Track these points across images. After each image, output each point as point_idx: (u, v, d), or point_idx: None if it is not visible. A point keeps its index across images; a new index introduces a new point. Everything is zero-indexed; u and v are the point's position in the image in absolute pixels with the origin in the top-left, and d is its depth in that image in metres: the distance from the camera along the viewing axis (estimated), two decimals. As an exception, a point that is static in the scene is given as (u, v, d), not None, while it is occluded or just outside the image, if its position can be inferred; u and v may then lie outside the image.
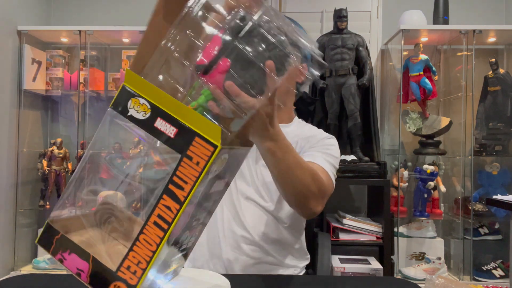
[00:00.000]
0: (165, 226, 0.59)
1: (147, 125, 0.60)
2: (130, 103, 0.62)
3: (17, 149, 2.68)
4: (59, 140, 2.74)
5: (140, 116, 0.61)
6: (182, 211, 0.58)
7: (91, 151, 0.72)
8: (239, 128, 0.67)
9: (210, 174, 0.60)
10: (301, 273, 1.27)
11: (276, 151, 0.80)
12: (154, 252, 0.59)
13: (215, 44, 0.61)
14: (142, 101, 0.61)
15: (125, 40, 2.86)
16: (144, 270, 0.60)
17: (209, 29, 0.64)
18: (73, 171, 2.75)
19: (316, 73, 0.67)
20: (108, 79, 2.82)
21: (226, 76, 0.60)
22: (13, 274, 2.62)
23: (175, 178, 0.59)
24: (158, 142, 0.60)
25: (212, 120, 0.61)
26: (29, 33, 2.70)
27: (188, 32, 0.64)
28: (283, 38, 0.63)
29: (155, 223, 0.59)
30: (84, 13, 3.02)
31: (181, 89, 0.65)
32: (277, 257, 1.18)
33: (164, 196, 0.59)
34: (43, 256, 2.64)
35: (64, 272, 0.79)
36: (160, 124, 0.60)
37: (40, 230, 0.68)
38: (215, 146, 0.57)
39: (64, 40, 2.86)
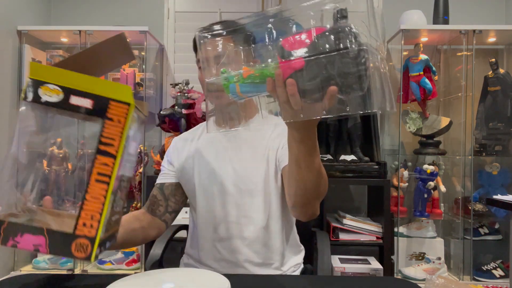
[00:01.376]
0: (106, 179, 0.69)
1: (63, 104, 0.69)
2: (40, 91, 0.69)
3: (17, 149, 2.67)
4: (59, 140, 2.74)
5: (54, 99, 0.69)
6: (118, 162, 0.69)
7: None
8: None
9: (131, 131, 0.72)
10: (300, 268, 1.28)
11: (310, 158, 0.84)
12: (103, 204, 0.69)
13: (303, 43, 0.66)
14: (51, 86, 0.69)
15: (125, 40, 2.86)
16: (99, 221, 0.68)
17: (311, 21, 0.70)
18: (73, 171, 2.75)
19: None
20: (108, 79, 2.81)
21: (294, 73, 0.65)
22: (13, 274, 2.62)
23: (102, 139, 0.69)
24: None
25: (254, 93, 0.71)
26: (29, 33, 2.70)
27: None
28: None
29: (97, 180, 0.70)
30: (84, 13, 3.02)
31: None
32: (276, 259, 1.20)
33: (98, 156, 0.69)
34: (43, 256, 2.65)
35: (64, 272, 0.79)
36: (75, 100, 0.69)
37: None
38: (129, 104, 0.70)
39: (64, 40, 2.86)
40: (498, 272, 2.50)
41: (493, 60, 2.57)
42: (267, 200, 1.17)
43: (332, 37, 0.65)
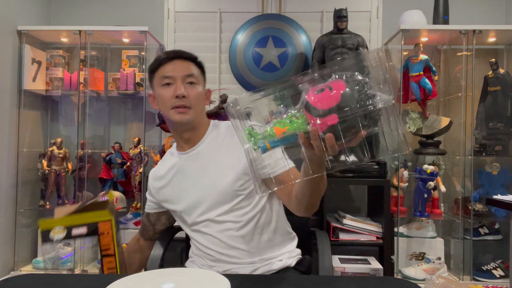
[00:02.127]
0: (113, 270, 1.03)
1: (69, 237, 1.02)
2: (51, 235, 1.02)
3: (17, 149, 2.68)
4: (59, 140, 2.74)
5: (61, 235, 1.02)
6: (117, 255, 1.03)
7: None
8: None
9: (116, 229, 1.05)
10: (297, 257, 1.31)
11: (323, 176, 0.98)
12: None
13: (329, 99, 0.74)
14: (57, 228, 1.02)
15: (125, 40, 2.86)
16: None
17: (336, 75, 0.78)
18: (73, 171, 2.75)
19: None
20: (108, 79, 2.82)
21: (328, 128, 0.75)
22: (13, 274, 2.62)
23: (102, 247, 1.02)
24: None
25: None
26: (29, 33, 2.70)
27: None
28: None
29: (108, 268, 1.03)
30: (84, 13, 3.02)
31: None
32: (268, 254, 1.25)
33: (104, 258, 1.02)
34: (43, 256, 2.65)
35: (64, 272, 0.79)
36: (75, 231, 1.02)
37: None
38: (110, 219, 1.03)
39: (64, 40, 2.86)
40: (498, 272, 2.50)
41: (493, 60, 2.57)
42: (250, 200, 1.24)
43: (355, 94, 0.74)
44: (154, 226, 1.41)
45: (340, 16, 2.57)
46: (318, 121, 0.75)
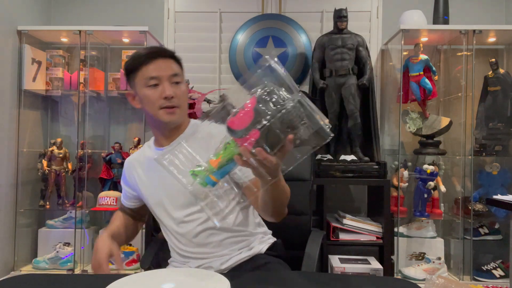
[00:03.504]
0: None
1: None
2: None
3: (17, 149, 2.68)
4: (59, 140, 2.74)
5: None
6: None
7: None
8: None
9: None
10: (267, 242, 1.34)
11: (279, 183, 0.99)
12: None
13: (246, 117, 0.79)
14: None
15: (125, 40, 2.86)
16: None
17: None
18: (73, 171, 2.75)
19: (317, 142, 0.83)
20: (108, 79, 2.82)
21: (256, 143, 0.79)
22: (13, 274, 2.62)
23: None
24: None
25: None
26: (29, 33, 2.70)
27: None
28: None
29: None
30: (84, 13, 3.02)
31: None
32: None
33: None
34: (43, 256, 2.65)
35: (64, 272, 0.79)
36: None
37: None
38: None
39: (64, 40, 2.86)
40: (498, 272, 2.50)
41: (493, 60, 2.57)
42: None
43: (267, 103, 0.79)
44: (138, 212, 1.44)
45: (340, 16, 2.57)
46: (243, 141, 0.79)
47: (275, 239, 1.37)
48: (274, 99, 0.79)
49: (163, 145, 1.31)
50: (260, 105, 0.79)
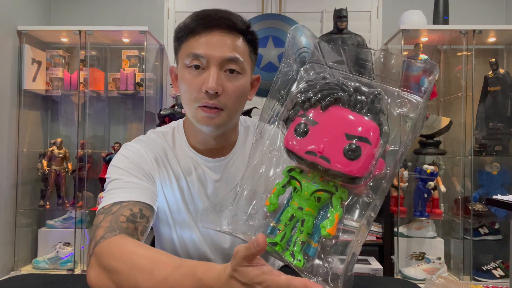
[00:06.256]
0: None
1: None
2: None
3: (17, 149, 2.68)
4: (59, 140, 2.74)
5: None
6: None
7: None
8: None
9: None
10: None
11: None
12: None
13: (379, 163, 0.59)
14: None
15: (125, 40, 2.86)
16: None
17: None
18: (73, 171, 2.75)
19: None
20: (108, 79, 2.82)
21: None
22: (13, 274, 2.62)
23: None
24: None
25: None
26: (29, 33, 2.69)
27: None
28: None
29: None
30: (84, 13, 3.02)
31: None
32: None
33: None
34: (43, 256, 2.64)
35: (64, 272, 0.79)
36: None
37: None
38: None
39: (64, 40, 2.86)
40: (498, 272, 2.50)
41: (493, 60, 2.57)
42: None
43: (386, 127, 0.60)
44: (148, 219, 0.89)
45: (340, 16, 2.57)
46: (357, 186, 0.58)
47: None
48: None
49: (206, 155, 0.98)
50: (386, 131, 0.58)
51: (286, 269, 0.79)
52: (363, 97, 0.56)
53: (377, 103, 0.57)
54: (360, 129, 0.55)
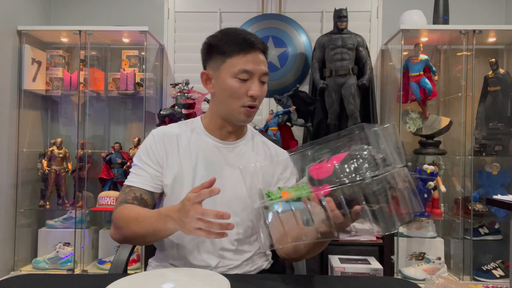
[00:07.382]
0: None
1: None
2: None
3: (17, 149, 2.68)
4: (59, 140, 2.74)
5: None
6: None
7: None
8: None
9: None
10: (269, 260, 1.25)
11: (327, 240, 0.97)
12: None
13: (327, 170, 0.80)
14: None
15: (125, 40, 2.86)
16: None
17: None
18: (73, 171, 2.75)
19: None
20: (108, 79, 2.82)
21: (328, 195, 0.80)
22: (13, 274, 2.62)
23: None
24: None
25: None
26: (29, 33, 2.70)
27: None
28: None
29: None
30: (84, 13, 3.02)
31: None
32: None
33: None
34: (43, 256, 2.65)
35: (64, 272, 0.79)
36: None
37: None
38: None
39: (64, 40, 2.86)
40: (498, 272, 2.50)
41: (493, 60, 2.57)
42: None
43: (349, 166, 0.78)
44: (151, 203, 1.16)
45: (340, 16, 2.57)
46: (316, 189, 0.81)
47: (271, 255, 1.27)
48: (362, 165, 0.77)
49: (223, 139, 1.20)
50: (345, 166, 0.78)
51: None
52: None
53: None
54: (334, 158, 0.84)
